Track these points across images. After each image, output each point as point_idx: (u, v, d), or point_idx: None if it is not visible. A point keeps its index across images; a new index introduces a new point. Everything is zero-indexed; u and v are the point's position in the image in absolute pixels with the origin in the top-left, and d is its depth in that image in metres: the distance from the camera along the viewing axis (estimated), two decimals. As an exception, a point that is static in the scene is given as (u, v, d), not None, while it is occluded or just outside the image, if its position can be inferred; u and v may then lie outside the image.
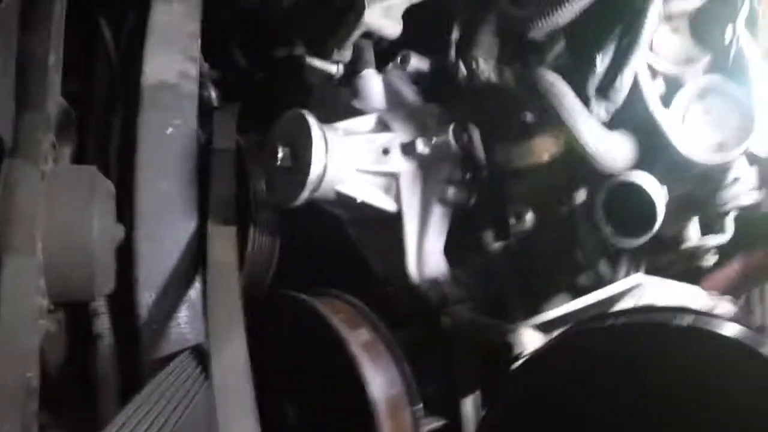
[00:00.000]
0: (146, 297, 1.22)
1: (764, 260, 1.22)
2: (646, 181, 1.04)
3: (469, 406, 1.18)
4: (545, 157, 1.20)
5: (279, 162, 1.14)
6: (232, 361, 1.07)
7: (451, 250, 1.26)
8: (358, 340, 1.13)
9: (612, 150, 1.09)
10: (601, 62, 1.13)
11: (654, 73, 1.14)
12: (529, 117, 1.18)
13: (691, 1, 1.11)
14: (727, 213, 1.11)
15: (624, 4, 1.12)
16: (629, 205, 1.05)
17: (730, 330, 0.80)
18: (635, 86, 1.11)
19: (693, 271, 1.19)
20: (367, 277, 1.35)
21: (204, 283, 1.24)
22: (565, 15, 1.11)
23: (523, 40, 1.23)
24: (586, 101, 1.12)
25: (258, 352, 1.06)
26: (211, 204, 1.27)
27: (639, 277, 1.10)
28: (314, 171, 1.11)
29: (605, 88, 1.11)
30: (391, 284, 1.28)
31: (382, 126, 1.23)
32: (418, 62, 1.29)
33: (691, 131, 1.10)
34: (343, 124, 1.20)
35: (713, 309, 1.07)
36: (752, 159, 1.11)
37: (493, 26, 1.27)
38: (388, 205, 1.20)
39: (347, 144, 1.17)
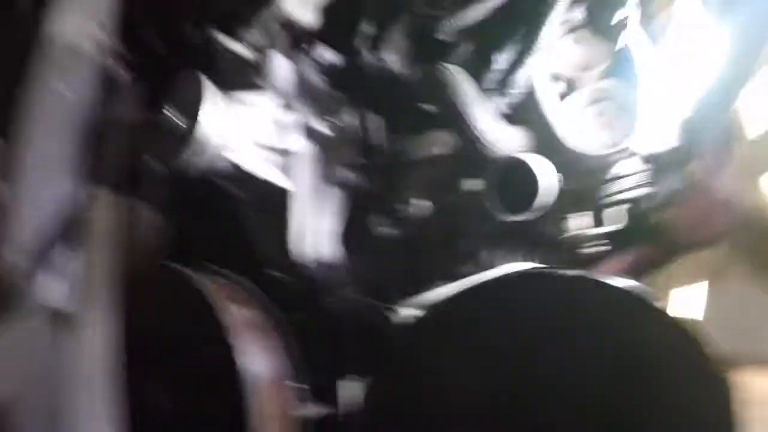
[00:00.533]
0: (17, 258, 1.13)
1: (651, 255, 1.23)
2: (535, 160, 1.03)
3: (350, 390, 1.11)
4: (441, 149, 1.21)
5: (168, 124, 1.09)
6: (94, 336, 0.99)
7: (340, 233, 1.20)
8: (240, 316, 1.06)
9: (506, 139, 1.11)
10: (501, 61, 1.19)
11: (556, 77, 1.21)
12: (430, 109, 1.16)
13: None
14: (610, 206, 1.15)
15: (527, 11, 1.18)
16: (521, 188, 1.06)
17: (620, 281, 0.81)
18: (528, 85, 1.17)
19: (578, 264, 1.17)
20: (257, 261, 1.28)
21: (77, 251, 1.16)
22: (470, 16, 1.17)
23: (433, 40, 1.25)
24: (485, 95, 1.16)
25: (134, 331, 0.99)
26: (98, 169, 1.21)
27: (515, 265, 1.11)
28: (201, 129, 1.06)
29: (501, 85, 1.17)
30: (278, 267, 1.22)
31: (285, 105, 1.20)
32: (326, 53, 1.28)
33: (583, 130, 1.16)
34: (243, 95, 1.16)
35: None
36: (646, 158, 1.16)
37: (406, 25, 1.27)
38: (282, 181, 1.16)
39: (244, 114, 1.14)
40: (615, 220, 1.17)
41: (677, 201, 1.17)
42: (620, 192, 1.16)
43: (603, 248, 1.19)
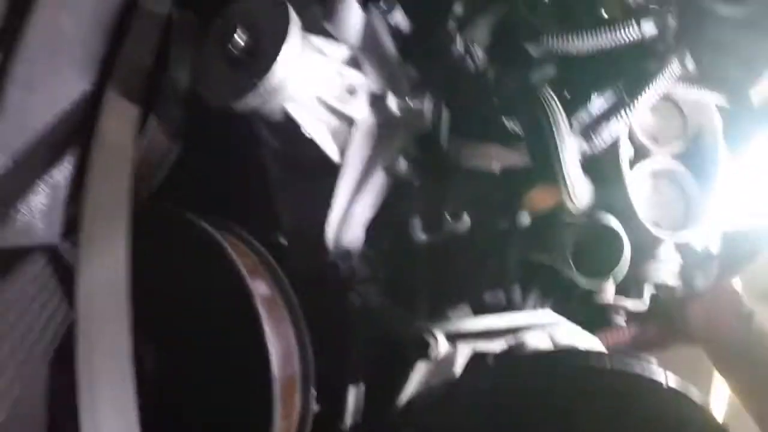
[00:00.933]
0: (-5, 158, 0.89)
1: (654, 336, 1.26)
2: (617, 225, 0.98)
3: (353, 395, 1.03)
4: (497, 165, 1.11)
5: (232, 48, 0.89)
6: (108, 278, 0.80)
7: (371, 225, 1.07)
8: (259, 293, 0.90)
9: (580, 190, 1.02)
10: (596, 104, 1.08)
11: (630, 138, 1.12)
12: (509, 124, 1.06)
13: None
14: (644, 283, 1.11)
15: (639, 61, 1.09)
16: (597, 251, 0.99)
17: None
18: (614, 142, 1.08)
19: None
20: (265, 222, 1.11)
21: (82, 163, 0.94)
22: (584, 46, 1.04)
23: (519, 47, 1.12)
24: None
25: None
26: (117, 67, 0.98)
27: (552, 315, 1.05)
28: (276, 73, 0.89)
29: (590, 130, 1.06)
30: (295, 241, 1.06)
31: (354, 63, 1.04)
32: (401, 18, 1.11)
33: (651, 206, 1.11)
34: (315, 39, 0.98)
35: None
36: (682, 249, 1.12)
37: (495, 20, 1.14)
38: (332, 151, 1.00)
39: (316, 63, 0.95)
40: (645, 296, 1.13)
41: (695, 296, 1.19)
42: (649, 272, 1.10)
43: (622, 319, 1.14)
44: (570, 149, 1.00)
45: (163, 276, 0.94)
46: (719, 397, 1.55)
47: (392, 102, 1.01)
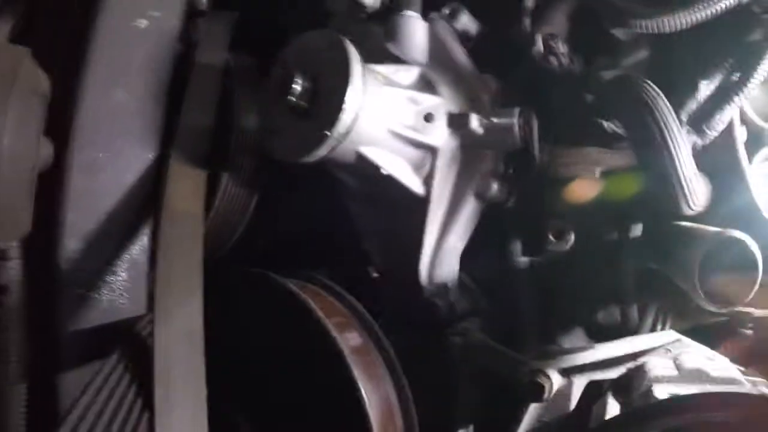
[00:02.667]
0: (72, 246, 0.82)
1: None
2: (749, 240, 0.81)
3: None
4: (597, 170, 0.95)
5: (293, 98, 0.77)
6: (183, 349, 0.71)
7: (466, 253, 0.96)
8: (350, 346, 0.79)
9: (697, 192, 0.86)
10: (703, 91, 0.90)
11: (741, 120, 0.95)
12: (606, 125, 0.90)
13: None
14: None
15: (743, 32, 0.90)
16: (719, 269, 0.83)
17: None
18: (727, 129, 0.91)
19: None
20: (351, 263, 1.00)
21: (154, 236, 0.86)
22: (679, 22, 0.85)
23: (601, 34, 0.96)
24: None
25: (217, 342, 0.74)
26: (179, 132, 0.88)
27: (672, 335, 0.91)
28: (344, 120, 0.77)
29: (700, 121, 0.89)
30: (389, 280, 0.94)
31: (426, 85, 0.91)
32: (468, 21, 0.95)
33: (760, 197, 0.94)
34: (380, 68, 0.84)
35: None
36: None
37: (571, 7, 0.99)
38: (415, 185, 0.87)
39: (385, 95, 0.82)
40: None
41: None
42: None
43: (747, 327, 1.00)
44: (682, 146, 0.83)
45: (252, 342, 0.86)
46: None
47: (475, 121, 0.87)
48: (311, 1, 1.06)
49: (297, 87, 0.81)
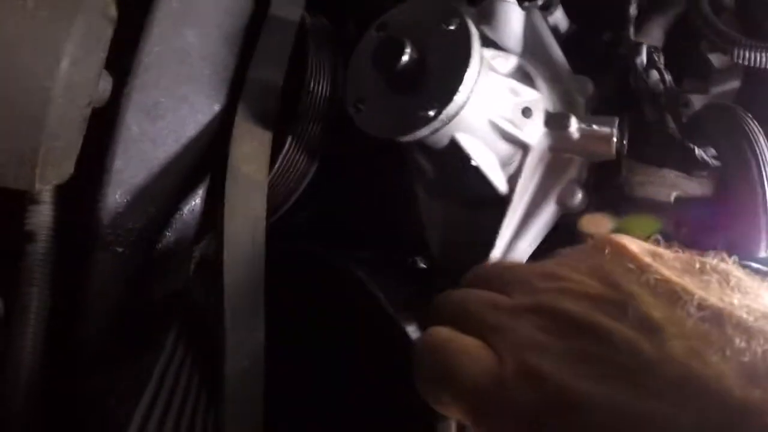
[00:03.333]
0: (115, 198, 0.71)
1: None
2: None
3: None
4: (677, 195, 0.91)
5: (398, 68, 0.68)
6: (251, 342, 0.62)
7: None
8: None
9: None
10: None
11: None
12: (697, 151, 0.85)
13: None
14: None
15: None
16: None
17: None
18: None
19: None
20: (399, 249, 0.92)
21: (209, 196, 0.74)
22: None
23: (695, 56, 0.94)
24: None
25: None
26: (247, 87, 0.78)
27: None
28: (456, 102, 0.67)
29: None
30: (445, 275, 0.86)
31: (524, 77, 0.83)
32: (561, 17, 0.89)
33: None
34: (485, 52, 0.76)
35: None
36: None
37: (669, 22, 0.92)
38: (499, 182, 0.79)
39: (491, 82, 0.74)
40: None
41: None
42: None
43: None
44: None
45: (306, 326, 0.76)
46: None
47: (574, 124, 0.80)
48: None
49: (405, 56, 0.72)
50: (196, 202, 0.81)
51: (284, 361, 0.74)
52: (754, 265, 0.88)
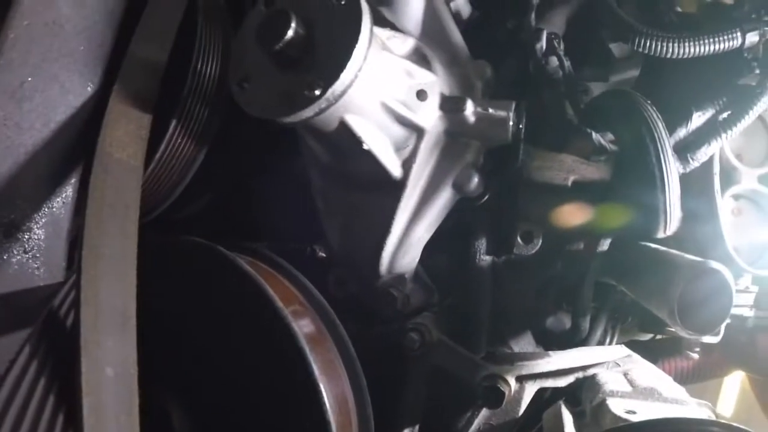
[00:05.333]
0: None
1: (716, 363, 1.14)
2: (726, 271, 0.77)
3: None
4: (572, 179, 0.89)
5: (282, 44, 0.63)
6: (113, 331, 0.56)
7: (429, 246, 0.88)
8: (305, 333, 0.68)
9: (676, 217, 0.82)
10: (695, 120, 0.88)
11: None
12: (594, 136, 0.84)
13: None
14: None
15: (738, 78, 0.90)
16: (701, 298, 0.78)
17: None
18: (707, 161, 0.89)
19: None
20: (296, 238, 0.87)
21: (82, 188, 0.71)
22: (681, 50, 0.82)
23: (596, 45, 0.95)
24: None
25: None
26: (126, 64, 0.71)
27: (623, 350, 0.90)
28: (342, 80, 0.63)
29: (685, 149, 0.87)
30: (344, 263, 0.83)
31: (421, 59, 0.79)
32: (463, 3, 0.86)
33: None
34: (378, 31, 0.72)
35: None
36: (756, 279, 0.98)
37: (573, 11, 0.91)
38: (393, 166, 0.76)
39: (383, 61, 0.70)
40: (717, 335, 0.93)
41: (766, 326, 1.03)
42: (738, 306, 0.97)
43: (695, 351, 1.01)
44: (673, 171, 0.78)
45: (193, 323, 0.71)
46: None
47: (470, 108, 0.76)
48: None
49: (290, 31, 0.67)
50: (68, 192, 0.73)
51: (169, 356, 0.69)
52: (652, 246, 0.88)
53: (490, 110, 0.80)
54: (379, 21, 0.83)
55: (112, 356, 0.57)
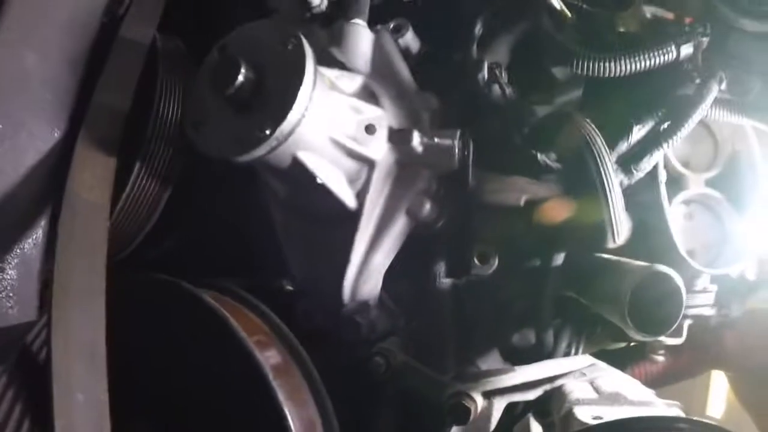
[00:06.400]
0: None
1: (686, 364, 1.13)
2: (674, 274, 0.81)
3: None
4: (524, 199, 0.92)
5: (233, 88, 0.68)
6: (83, 366, 0.59)
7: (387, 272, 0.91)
8: (271, 364, 0.71)
9: (623, 227, 0.86)
10: (635, 133, 0.91)
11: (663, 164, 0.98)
12: (539, 156, 0.89)
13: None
14: (686, 318, 0.97)
15: (677, 89, 0.93)
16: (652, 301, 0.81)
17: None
18: (651, 171, 0.92)
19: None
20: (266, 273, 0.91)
21: (52, 229, 0.74)
22: (618, 69, 0.86)
23: (540, 70, 0.98)
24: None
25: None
26: (91, 111, 0.76)
27: (588, 359, 0.91)
28: (290, 120, 0.67)
29: (629, 162, 0.90)
30: (309, 295, 0.86)
31: (369, 95, 0.84)
32: (412, 39, 0.91)
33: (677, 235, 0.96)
34: (327, 72, 0.77)
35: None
36: (714, 279, 1.00)
37: (515, 39, 0.98)
38: (348, 198, 0.80)
39: (330, 100, 0.75)
40: (675, 333, 0.98)
41: (730, 324, 1.06)
42: (689, 307, 0.96)
43: (659, 354, 1.04)
44: (615, 184, 0.82)
45: (161, 358, 0.74)
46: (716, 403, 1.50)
47: (417, 139, 0.81)
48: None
49: (241, 77, 0.71)
50: (38, 233, 0.77)
51: (140, 388, 0.72)
52: (605, 256, 0.92)
53: (436, 140, 0.84)
54: (330, 61, 0.88)
55: (82, 383, 0.61)
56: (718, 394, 1.55)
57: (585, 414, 0.75)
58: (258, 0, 0.95)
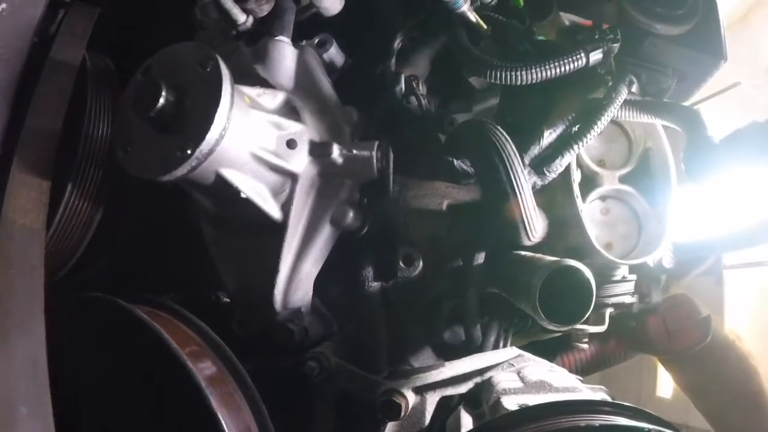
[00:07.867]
0: None
1: (614, 350, 1.20)
2: (583, 267, 0.85)
3: None
4: (448, 204, 0.98)
5: (155, 111, 0.71)
6: (26, 383, 0.63)
7: (318, 278, 0.95)
8: (205, 375, 0.74)
9: (536, 225, 0.91)
10: (547, 137, 0.97)
11: (577, 164, 1.05)
12: (456, 163, 0.95)
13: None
14: (604, 309, 1.03)
15: (588, 93, 0.99)
16: (563, 293, 0.86)
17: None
18: (565, 171, 0.98)
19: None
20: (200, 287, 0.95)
21: None
22: (530, 77, 0.92)
23: (458, 80, 1.04)
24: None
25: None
26: (24, 136, 0.79)
27: (515, 351, 0.96)
28: (208, 140, 0.72)
29: (541, 164, 0.96)
30: (242, 305, 0.90)
31: (291, 111, 0.88)
32: (336, 53, 0.95)
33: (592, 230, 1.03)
34: (247, 90, 0.81)
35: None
36: (633, 268, 1.06)
37: (434, 52, 1.02)
38: (273, 210, 0.85)
39: (250, 118, 0.79)
40: (606, 320, 1.05)
41: (655, 311, 1.14)
42: (608, 296, 1.03)
43: (584, 342, 1.08)
44: (525, 185, 0.88)
45: (98, 373, 0.78)
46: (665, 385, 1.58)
47: (336, 151, 0.86)
48: (179, 10, 0.99)
49: (161, 99, 0.75)
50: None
51: (82, 402, 0.75)
52: (521, 252, 0.97)
53: (355, 151, 0.89)
54: (253, 79, 0.91)
55: (24, 397, 0.64)
56: (667, 377, 1.62)
57: (511, 403, 0.80)
58: (187, 17, 0.98)
